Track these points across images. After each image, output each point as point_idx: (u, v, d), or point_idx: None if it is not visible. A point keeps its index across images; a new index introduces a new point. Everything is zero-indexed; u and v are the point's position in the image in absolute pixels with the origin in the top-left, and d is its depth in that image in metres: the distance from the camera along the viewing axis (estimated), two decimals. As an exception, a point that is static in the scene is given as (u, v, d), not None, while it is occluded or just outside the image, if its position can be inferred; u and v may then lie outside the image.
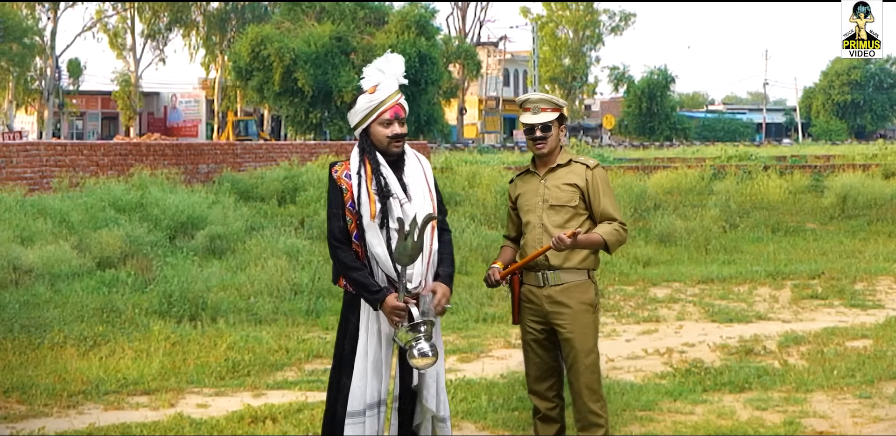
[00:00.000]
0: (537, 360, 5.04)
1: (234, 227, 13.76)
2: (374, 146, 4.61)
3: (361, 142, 4.65)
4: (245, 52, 43.22)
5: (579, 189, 4.96)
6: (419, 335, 4.36)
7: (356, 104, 4.66)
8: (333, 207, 4.59)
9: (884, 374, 7.16)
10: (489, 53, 67.34)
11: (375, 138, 4.62)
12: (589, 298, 4.95)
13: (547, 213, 4.97)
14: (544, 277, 4.93)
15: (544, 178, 5.03)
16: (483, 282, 5.19)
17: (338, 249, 4.54)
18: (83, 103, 58.09)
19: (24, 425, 6.07)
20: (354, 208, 4.53)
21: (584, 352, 4.91)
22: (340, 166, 4.65)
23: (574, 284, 4.92)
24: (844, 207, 18.13)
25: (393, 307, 4.38)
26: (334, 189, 4.60)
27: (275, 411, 6.22)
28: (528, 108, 5.02)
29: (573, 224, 4.94)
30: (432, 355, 4.35)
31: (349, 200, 4.55)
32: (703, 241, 14.66)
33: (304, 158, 24.58)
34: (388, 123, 4.60)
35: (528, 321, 5.03)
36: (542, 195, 5.00)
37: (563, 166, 5.03)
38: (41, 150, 19.18)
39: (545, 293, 4.94)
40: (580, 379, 4.92)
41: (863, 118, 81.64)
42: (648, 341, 8.61)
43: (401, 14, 45.65)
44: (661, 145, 58.30)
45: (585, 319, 4.93)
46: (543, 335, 5.00)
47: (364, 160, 4.60)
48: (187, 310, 9.09)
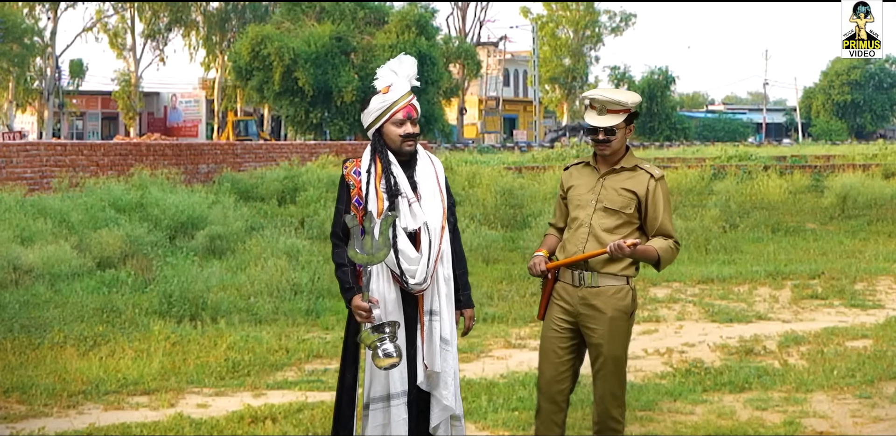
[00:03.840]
0: (556, 360, 4.86)
1: (234, 227, 13.76)
2: (387, 146, 4.70)
3: (374, 141, 4.73)
4: (245, 52, 43.20)
5: (637, 197, 4.78)
6: (384, 336, 4.41)
7: (369, 105, 4.72)
8: (339, 204, 4.71)
9: (884, 374, 7.16)
10: (489, 53, 67.33)
11: (388, 138, 4.70)
12: (625, 305, 4.79)
13: (598, 214, 4.80)
14: (581, 277, 4.78)
15: (604, 177, 4.85)
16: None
17: (334, 246, 4.67)
18: (83, 103, 58.08)
19: (24, 425, 6.07)
20: (360, 204, 4.61)
21: (612, 359, 4.79)
22: (351, 163, 4.77)
23: (611, 288, 4.76)
24: (844, 207, 18.12)
25: (356, 306, 4.51)
26: (343, 185, 4.73)
27: (275, 411, 6.22)
28: (595, 106, 4.82)
29: (622, 231, 4.78)
30: (396, 356, 4.41)
31: (354, 196, 4.64)
32: (703, 241, 14.66)
33: (304, 158, 24.59)
34: (401, 123, 4.68)
35: (555, 318, 4.86)
36: (597, 194, 4.82)
37: (627, 170, 4.84)
38: (41, 150, 19.19)
39: (580, 294, 4.78)
40: (606, 385, 4.81)
41: (863, 118, 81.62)
42: (648, 341, 8.61)
43: (401, 14, 45.62)
44: (661, 145, 58.27)
45: (619, 326, 4.78)
46: (567, 334, 4.84)
47: (375, 159, 4.69)
48: (187, 310, 9.09)
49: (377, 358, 4.41)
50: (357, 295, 4.50)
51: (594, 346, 4.81)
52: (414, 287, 4.56)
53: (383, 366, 4.43)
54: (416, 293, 4.59)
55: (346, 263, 4.58)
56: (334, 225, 4.67)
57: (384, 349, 4.39)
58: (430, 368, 4.58)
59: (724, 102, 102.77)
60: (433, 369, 4.57)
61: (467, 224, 14.45)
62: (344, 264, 4.60)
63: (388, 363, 4.42)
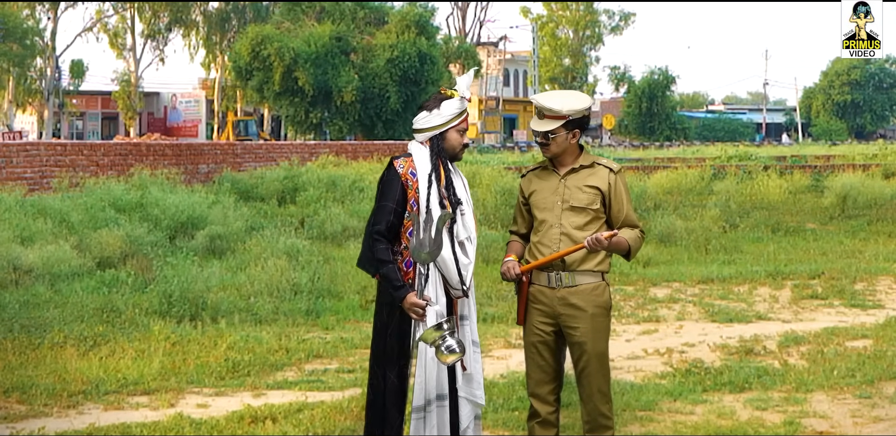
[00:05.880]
0: (542, 362, 4.93)
1: (234, 227, 13.75)
2: (446, 151, 4.74)
3: (435, 145, 4.74)
4: (245, 52, 43.19)
5: (601, 192, 4.87)
6: (444, 333, 4.47)
7: (441, 107, 4.75)
8: (389, 202, 4.66)
9: (884, 374, 7.16)
10: (489, 53, 67.27)
11: (449, 144, 4.76)
12: (604, 302, 4.87)
13: (566, 214, 4.86)
14: (558, 278, 4.83)
15: (565, 178, 4.91)
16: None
17: (377, 242, 4.63)
18: (83, 103, 58.05)
19: (24, 425, 6.07)
20: (415, 206, 4.63)
21: (596, 355, 4.85)
22: (405, 162, 4.73)
23: (588, 286, 4.84)
24: (844, 207, 18.13)
25: (412, 303, 4.52)
26: (396, 184, 4.67)
27: (275, 411, 6.22)
28: (536, 110, 4.92)
29: (592, 227, 4.85)
30: (459, 351, 4.48)
31: (411, 199, 4.64)
32: (703, 241, 14.66)
33: (304, 158, 24.59)
34: (464, 132, 4.78)
35: (536, 323, 4.90)
36: (561, 195, 4.88)
37: (587, 168, 4.92)
38: (41, 150, 19.19)
39: (558, 295, 4.84)
40: (592, 383, 4.87)
41: (863, 118, 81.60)
42: (648, 341, 8.61)
43: (401, 14, 45.61)
44: (661, 145, 58.26)
45: (600, 322, 4.85)
46: (551, 337, 4.90)
47: (438, 164, 4.72)
48: (187, 310, 9.09)
49: (441, 354, 4.47)
50: (412, 292, 4.53)
51: (577, 345, 4.86)
52: (461, 292, 4.65)
53: (448, 362, 4.50)
54: (457, 299, 4.68)
55: (392, 261, 4.60)
56: (378, 222, 4.65)
57: (448, 346, 4.46)
58: (467, 369, 4.67)
59: (724, 102, 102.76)
60: (470, 371, 4.68)
61: (467, 224, 14.42)
62: (391, 261, 4.60)
63: (453, 359, 4.48)
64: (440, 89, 4.88)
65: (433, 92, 46.54)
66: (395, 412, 4.66)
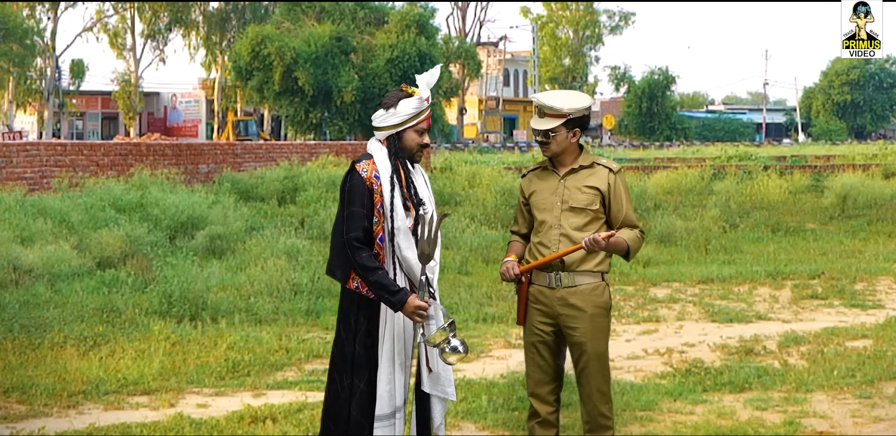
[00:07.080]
0: (542, 362, 4.93)
1: (234, 227, 13.75)
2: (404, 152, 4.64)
3: (392, 145, 4.62)
4: (245, 52, 43.21)
5: (601, 193, 4.87)
6: (448, 335, 4.48)
7: (398, 106, 4.62)
8: (358, 207, 4.50)
9: (884, 374, 7.16)
10: (489, 53, 67.31)
11: (406, 144, 4.64)
12: (604, 302, 4.87)
13: (566, 214, 4.86)
14: (557, 278, 4.83)
15: (564, 178, 4.91)
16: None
17: (358, 250, 4.46)
18: (83, 103, 58.07)
19: (24, 425, 6.07)
20: (385, 212, 4.52)
21: (596, 356, 4.85)
22: (367, 166, 4.57)
23: (588, 286, 4.84)
24: (844, 207, 18.13)
25: (416, 306, 4.43)
26: (362, 188, 4.52)
27: (275, 411, 6.21)
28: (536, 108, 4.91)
29: (592, 227, 4.85)
30: (463, 351, 4.50)
31: (378, 203, 4.52)
32: (703, 241, 14.66)
33: (304, 158, 24.57)
34: (422, 132, 4.67)
35: (536, 323, 4.91)
36: (561, 196, 4.88)
37: (586, 168, 4.91)
38: (41, 150, 19.18)
39: (558, 295, 4.84)
40: (591, 383, 4.87)
41: (863, 118, 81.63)
42: (648, 341, 8.61)
43: (400, 14, 45.63)
44: (661, 145, 58.30)
45: (599, 323, 4.85)
46: (551, 337, 4.90)
47: (398, 166, 4.61)
48: (187, 310, 9.09)
49: (446, 355, 4.49)
50: (413, 295, 4.45)
51: (577, 345, 4.86)
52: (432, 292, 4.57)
53: (454, 361, 4.52)
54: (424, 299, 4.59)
55: (380, 267, 4.46)
56: (353, 229, 4.47)
57: (453, 346, 4.47)
58: (433, 370, 4.60)
59: (724, 102, 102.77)
60: (437, 371, 4.60)
61: (467, 224, 14.44)
62: (379, 268, 4.46)
63: (458, 358, 4.51)
64: (401, 86, 4.76)
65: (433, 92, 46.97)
66: (362, 420, 4.54)
